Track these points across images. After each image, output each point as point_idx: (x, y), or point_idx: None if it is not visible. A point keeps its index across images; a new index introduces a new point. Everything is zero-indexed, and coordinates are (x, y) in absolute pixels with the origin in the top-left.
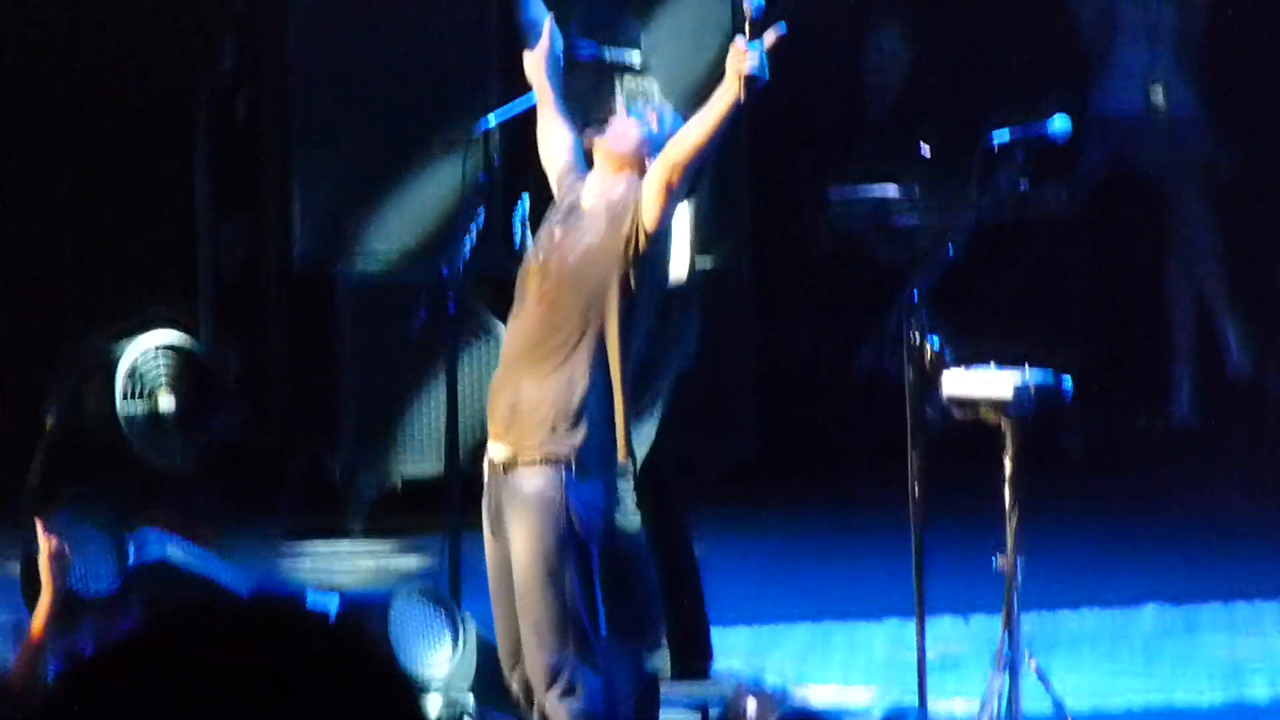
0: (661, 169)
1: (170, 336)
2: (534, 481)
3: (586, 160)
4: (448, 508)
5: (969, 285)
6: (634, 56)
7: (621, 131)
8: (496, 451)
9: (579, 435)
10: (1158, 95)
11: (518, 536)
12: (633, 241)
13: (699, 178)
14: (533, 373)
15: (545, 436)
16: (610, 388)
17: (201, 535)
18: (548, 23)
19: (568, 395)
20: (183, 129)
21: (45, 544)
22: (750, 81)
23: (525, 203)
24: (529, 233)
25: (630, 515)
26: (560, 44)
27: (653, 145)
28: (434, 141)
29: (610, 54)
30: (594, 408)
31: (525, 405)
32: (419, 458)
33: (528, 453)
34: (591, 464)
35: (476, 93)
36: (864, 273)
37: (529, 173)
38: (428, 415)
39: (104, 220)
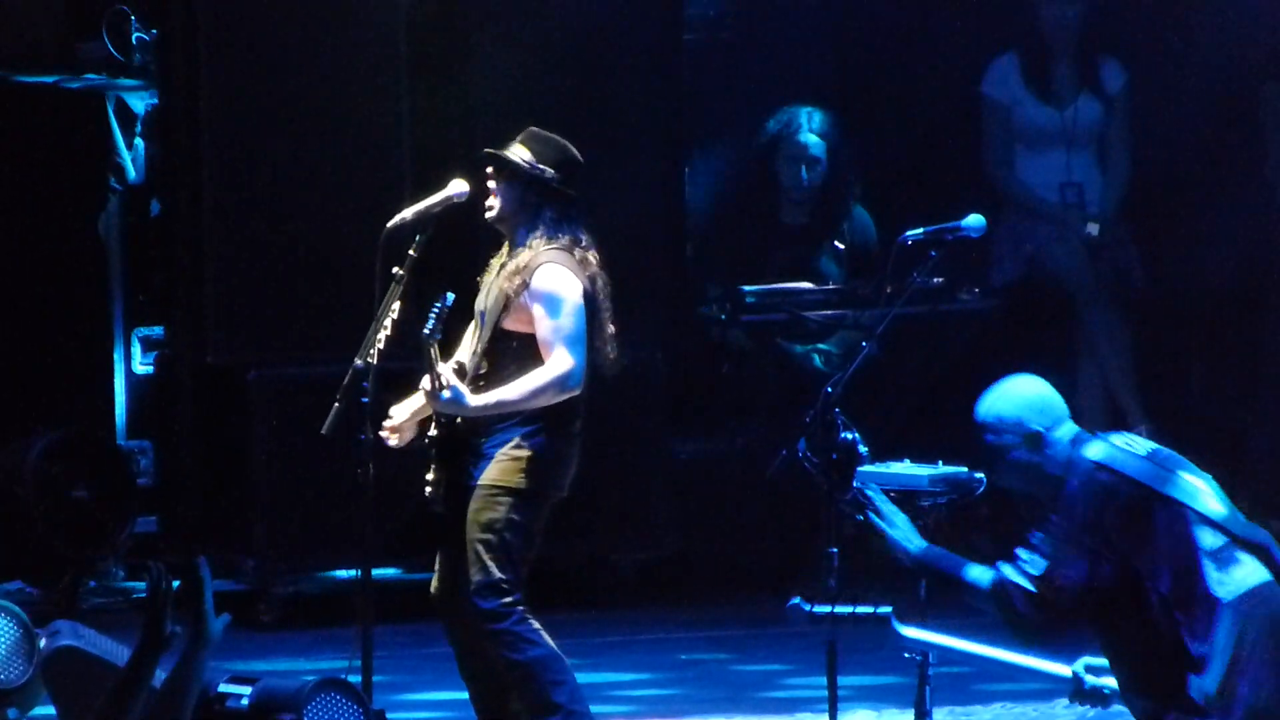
0: None
1: (86, 430)
2: None
3: None
4: (362, 602)
5: (885, 381)
6: None
7: None
8: None
9: None
10: (1073, 199)
11: None
12: None
13: None
14: None
15: None
16: None
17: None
18: None
19: None
20: (96, 227)
21: None
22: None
23: (450, 299)
24: (440, 326)
25: None
26: None
27: None
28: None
29: None
30: None
31: None
32: (334, 552)
33: None
34: None
35: (389, 187)
36: (779, 368)
37: (443, 265)
38: (342, 509)
39: (18, 318)
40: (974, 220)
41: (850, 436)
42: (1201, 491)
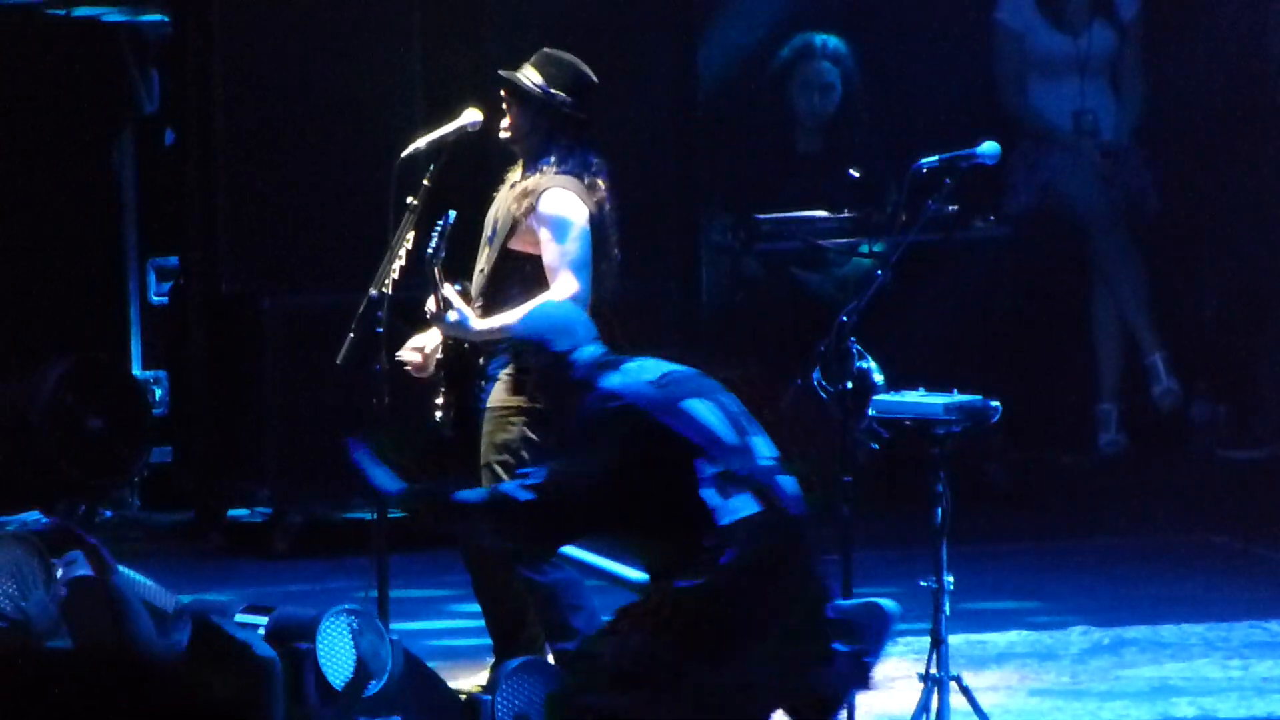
0: None
1: (100, 360)
2: None
3: None
4: (376, 531)
5: (900, 310)
6: None
7: None
8: None
9: None
10: (1087, 126)
11: None
12: None
13: None
14: None
15: None
16: None
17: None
18: None
19: None
20: (110, 157)
21: None
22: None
23: (451, 217)
24: (443, 245)
25: None
26: None
27: None
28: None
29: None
30: None
31: None
32: (347, 481)
33: None
34: None
35: (401, 122)
36: (793, 297)
37: (456, 194)
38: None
39: (34, 247)
40: (988, 147)
41: (865, 365)
42: (709, 419)
